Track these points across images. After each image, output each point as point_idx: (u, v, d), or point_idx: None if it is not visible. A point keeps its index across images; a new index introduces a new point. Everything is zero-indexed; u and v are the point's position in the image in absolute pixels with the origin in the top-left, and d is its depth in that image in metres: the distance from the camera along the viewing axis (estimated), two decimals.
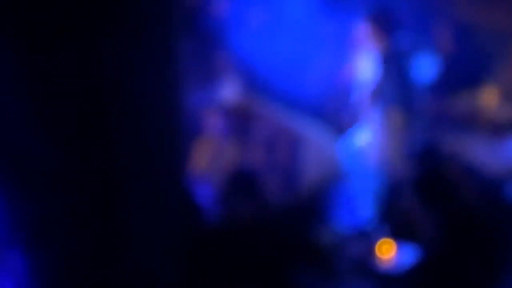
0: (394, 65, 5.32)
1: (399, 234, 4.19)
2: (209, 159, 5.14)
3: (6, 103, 1.71)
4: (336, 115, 5.61)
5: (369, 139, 5.32)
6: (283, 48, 5.60)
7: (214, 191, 4.73)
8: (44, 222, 1.80)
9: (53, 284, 1.83)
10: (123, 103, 1.83)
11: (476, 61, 6.15)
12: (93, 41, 1.74)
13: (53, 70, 1.71)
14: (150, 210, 2.01)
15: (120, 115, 1.84)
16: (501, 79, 6.02)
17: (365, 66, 5.44)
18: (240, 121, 5.37)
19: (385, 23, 5.30)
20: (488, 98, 5.69)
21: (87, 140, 1.81)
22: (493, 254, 3.80)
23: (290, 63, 5.72)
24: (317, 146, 4.70)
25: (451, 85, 6.12)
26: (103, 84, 1.79)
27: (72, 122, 1.78)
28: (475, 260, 3.72)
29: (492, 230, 3.80)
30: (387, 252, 4.11)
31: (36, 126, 1.73)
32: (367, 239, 4.39)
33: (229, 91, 6.38)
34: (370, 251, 4.21)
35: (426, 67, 5.65)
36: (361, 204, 4.89)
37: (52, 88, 1.73)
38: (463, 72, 5.99)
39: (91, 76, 1.77)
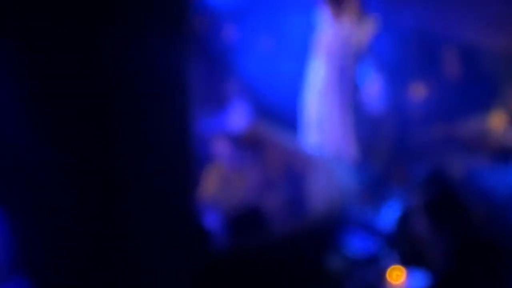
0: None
1: (409, 260, 4.16)
2: (218, 186, 5.13)
3: (5, 103, 1.72)
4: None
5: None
6: (291, 74, 5.62)
7: (222, 219, 4.73)
8: (42, 223, 1.80)
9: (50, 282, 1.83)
10: (132, 127, 1.84)
11: (483, 85, 6.16)
12: (101, 65, 1.76)
13: (53, 71, 1.72)
14: (158, 234, 2.01)
15: (128, 140, 1.85)
16: (509, 102, 6.02)
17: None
18: (249, 148, 5.37)
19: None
20: (496, 122, 5.68)
21: (94, 172, 1.82)
22: (503, 279, 3.77)
23: (299, 89, 5.73)
24: (327, 171, 4.69)
25: (459, 109, 6.13)
26: (112, 110, 1.80)
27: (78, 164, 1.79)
28: (485, 286, 3.69)
29: (502, 254, 3.77)
30: (398, 278, 4.09)
31: (36, 126, 1.74)
32: (378, 265, 4.36)
33: (238, 117, 6.39)
34: (381, 277, 4.18)
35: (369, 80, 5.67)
36: (371, 230, 4.87)
37: (52, 89, 1.74)
38: (471, 96, 5.99)
39: (99, 107, 1.78)
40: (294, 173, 5.00)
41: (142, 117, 1.82)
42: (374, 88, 6.49)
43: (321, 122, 5.49)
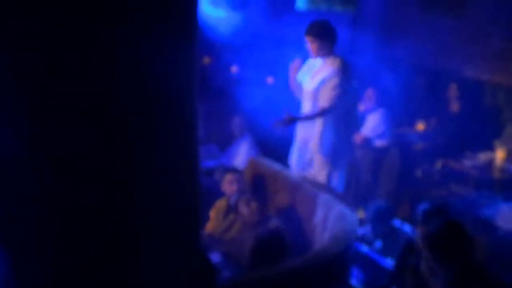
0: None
1: None
2: (223, 221, 5.12)
3: (5, 103, 1.73)
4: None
5: None
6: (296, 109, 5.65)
7: (226, 253, 4.70)
8: (41, 223, 1.80)
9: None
10: (133, 128, 1.85)
11: (486, 119, 6.19)
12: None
13: (53, 71, 1.73)
14: (158, 234, 2.01)
15: (129, 141, 1.85)
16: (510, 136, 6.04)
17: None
18: (254, 183, 5.38)
19: (318, 33, 5.39)
20: (498, 155, 5.70)
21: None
22: None
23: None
24: (334, 205, 4.68)
25: (462, 143, 6.15)
26: (112, 110, 1.81)
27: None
28: None
29: (505, 286, 3.73)
30: None
31: (36, 126, 1.75)
32: None
33: (243, 153, 6.42)
34: None
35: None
36: (375, 263, 4.85)
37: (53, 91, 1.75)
38: (474, 130, 6.02)
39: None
40: (302, 206, 5.00)
41: (143, 117, 1.83)
42: (378, 123, 6.54)
43: (296, 152, 5.54)
